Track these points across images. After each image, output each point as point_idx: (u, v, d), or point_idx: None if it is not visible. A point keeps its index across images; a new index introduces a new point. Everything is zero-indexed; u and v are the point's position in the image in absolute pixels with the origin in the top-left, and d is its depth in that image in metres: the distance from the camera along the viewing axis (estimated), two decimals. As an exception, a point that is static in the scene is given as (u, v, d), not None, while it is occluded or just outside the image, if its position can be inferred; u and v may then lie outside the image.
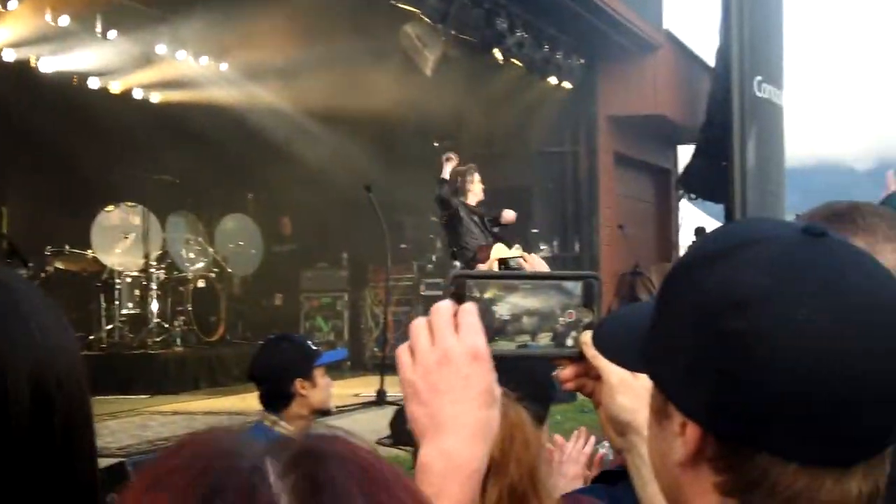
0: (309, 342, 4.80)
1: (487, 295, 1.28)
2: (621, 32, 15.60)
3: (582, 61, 15.45)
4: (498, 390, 1.20)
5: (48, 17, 11.67)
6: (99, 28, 12.30)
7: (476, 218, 10.58)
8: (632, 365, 1.19)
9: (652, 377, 1.09)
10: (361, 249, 14.36)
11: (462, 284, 1.29)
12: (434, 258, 14.40)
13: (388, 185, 12.08)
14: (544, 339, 1.26)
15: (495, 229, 10.79)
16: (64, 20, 11.80)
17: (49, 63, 12.67)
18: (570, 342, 1.28)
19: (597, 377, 1.40)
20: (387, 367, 10.22)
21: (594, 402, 1.44)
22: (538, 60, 14.13)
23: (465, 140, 14.81)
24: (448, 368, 1.17)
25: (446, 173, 10.43)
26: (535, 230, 15.13)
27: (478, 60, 13.63)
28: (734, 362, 0.96)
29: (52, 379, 1.03)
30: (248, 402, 8.12)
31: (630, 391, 1.31)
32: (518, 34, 13.35)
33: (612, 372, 1.37)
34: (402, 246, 14.17)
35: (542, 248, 14.71)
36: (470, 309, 1.19)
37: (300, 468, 0.71)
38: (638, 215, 18.27)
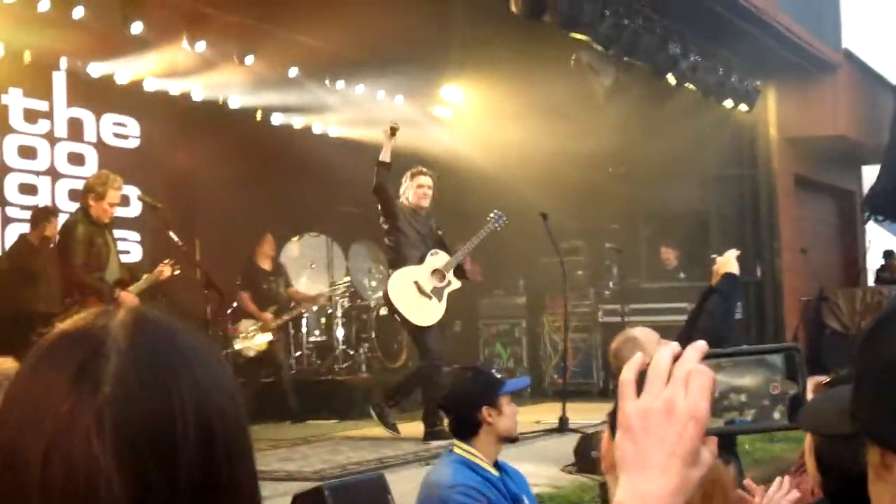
0: (494, 371, 4.94)
1: None
2: (797, 53, 15.30)
3: (758, 83, 15.19)
4: (706, 456, 1.22)
5: (235, 59, 12.36)
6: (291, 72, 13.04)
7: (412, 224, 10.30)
8: (839, 428, 1.21)
9: (865, 433, 1.12)
10: (537, 276, 14.45)
11: None
12: (611, 284, 14.36)
13: (561, 212, 12.13)
14: (750, 414, 1.26)
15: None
16: (249, 59, 12.43)
17: (236, 101, 13.37)
18: (776, 415, 1.25)
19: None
20: (568, 393, 10.22)
21: None
22: (713, 84, 13.97)
23: (639, 165, 14.77)
24: (668, 419, 1.19)
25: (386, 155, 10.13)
26: (713, 255, 14.88)
27: (650, 85, 13.57)
28: None
29: (216, 419, 1.04)
30: (434, 428, 8.49)
31: None
32: (692, 58, 13.25)
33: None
34: (579, 272, 14.19)
35: None
36: (708, 373, 1.21)
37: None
38: (821, 238, 17.75)
